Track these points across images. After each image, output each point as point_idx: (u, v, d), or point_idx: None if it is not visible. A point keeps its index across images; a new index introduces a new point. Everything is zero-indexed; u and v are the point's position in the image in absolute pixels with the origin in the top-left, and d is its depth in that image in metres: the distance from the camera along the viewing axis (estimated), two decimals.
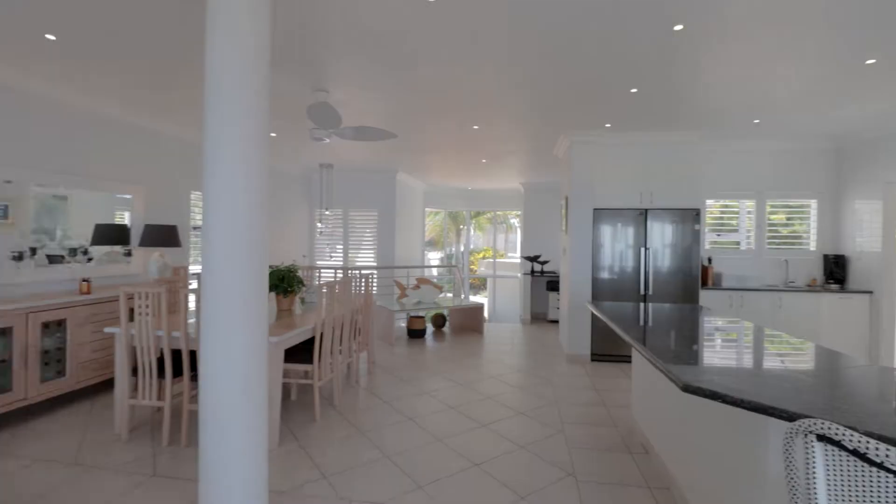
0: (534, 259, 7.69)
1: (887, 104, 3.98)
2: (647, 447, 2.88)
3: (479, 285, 14.93)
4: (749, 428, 1.78)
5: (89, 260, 4.18)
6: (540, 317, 7.93)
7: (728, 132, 5.04)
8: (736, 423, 1.82)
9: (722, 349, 2.32)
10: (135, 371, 2.94)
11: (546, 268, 7.82)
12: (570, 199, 5.22)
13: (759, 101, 4.04)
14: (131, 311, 3.18)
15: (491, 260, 11.22)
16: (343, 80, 3.60)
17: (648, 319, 2.95)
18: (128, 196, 4.59)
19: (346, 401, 3.75)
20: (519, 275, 7.86)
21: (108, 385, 3.77)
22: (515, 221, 13.07)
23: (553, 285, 7.41)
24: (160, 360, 2.91)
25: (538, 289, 7.91)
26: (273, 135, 5.31)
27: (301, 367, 3.32)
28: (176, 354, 2.98)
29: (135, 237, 4.57)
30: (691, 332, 2.65)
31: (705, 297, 5.05)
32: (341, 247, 7.86)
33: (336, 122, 3.64)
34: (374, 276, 5.50)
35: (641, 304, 3.99)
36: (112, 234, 4.41)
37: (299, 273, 3.91)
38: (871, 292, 4.86)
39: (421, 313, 6.34)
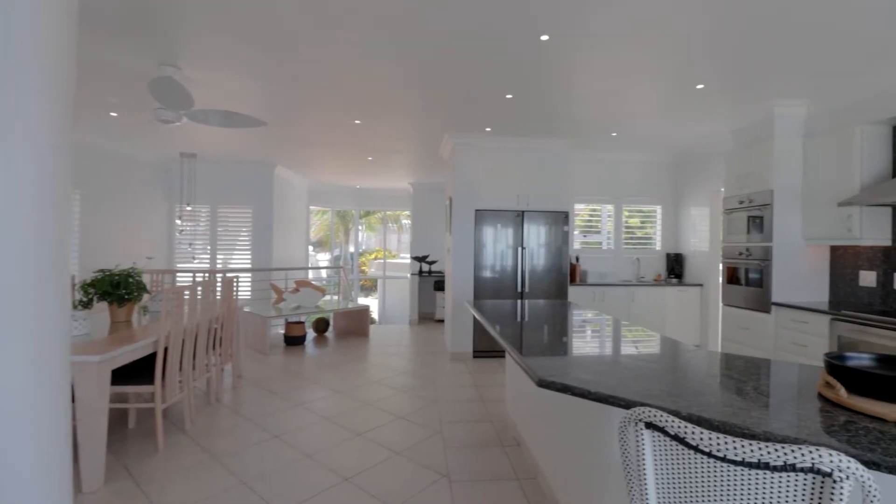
0: (422, 259, 7.69)
1: (712, 127, 4.69)
2: (519, 440, 2.97)
3: (371, 287, 14.62)
4: (600, 417, 1.87)
5: None
6: (428, 317, 7.96)
7: (592, 142, 5.54)
8: (590, 412, 1.91)
9: (580, 341, 2.45)
10: None
11: (434, 268, 7.87)
12: (454, 200, 5.28)
13: (615, 116, 4.48)
14: None
15: (377, 260, 11.01)
16: (201, 58, 3.15)
17: (525, 315, 3.05)
18: None
19: (202, 423, 3.28)
20: (408, 275, 7.81)
21: None
22: (408, 222, 13.04)
23: (440, 285, 7.48)
24: None
25: (426, 289, 7.93)
26: (113, 114, 4.50)
27: (139, 390, 2.80)
28: None
29: None
30: (557, 325, 2.78)
31: (573, 292, 5.49)
32: (210, 247, 7.01)
33: (186, 103, 3.16)
34: (242, 279, 4.97)
35: (519, 301, 4.15)
36: None
37: (143, 278, 3.32)
38: (701, 285, 5.72)
39: (301, 318, 5.91)
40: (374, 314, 12.02)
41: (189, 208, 6.54)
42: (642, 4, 2.43)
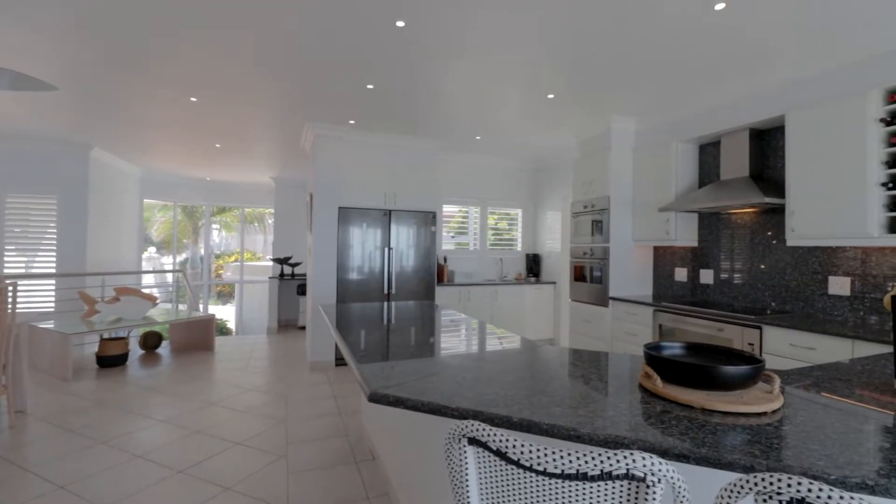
0: (284, 261, 7.03)
1: (564, 137, 5.07)
2: (374, 453, 2.75)
3: (229, 293, 13.08)
4: (443, 425, 1.74)
5: None
6: (290, 323, 7.31)
7: (459, 145, 5.61)
8: (435, 420, 1.76)
9: (426, 348, 2.32)
10: None
11: (298, 270, 7.26)
12: (315, 196, 4.86)
13: (479, 120, 4.55)
14: None
15: (238, 263, 9.88)
16: None
17: (388, 318, 2.84)
18: None
19: None
20: (268, 278, 7.06)
21: None
22: (273, 221, 11.96)
23: (304, 289, 6.92)
24: None
25: (288, 293, 7.28)
26: None
27: None
28: None
29: None
30: (417, 328, 2.63)
31: (441, 292, 5.48)
32: None
33: None
34: (35, 287, 3.89)
35: (385, 304, 3.94)
36: None
37: None
38: (554, 283, 6.18)
39: (122, 333, 4.88)
40: (231, 324, 10.75)
41: None
42: (493, 5, 2.41)
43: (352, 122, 4.66)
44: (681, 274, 4.27)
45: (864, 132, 2.62)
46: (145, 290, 6.17)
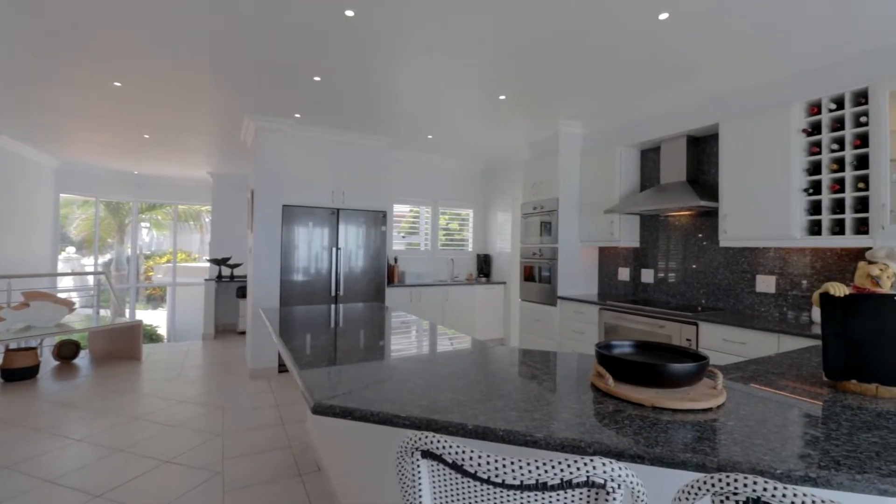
0: (222, 262, 6.60)
1: (514, 138, 5.12)
2: (320, 464, 2.61)
3: (160, 296, 12.16)
4: (394, 432, 1.66)
5: None
6: (229, 329, 6.88)
7: (412, 143, 5.52)
8: (386, 427, 1.68)
9: (377, 353, 2.23)
10: None
11: (238, 272, 6.86)
12: (257, 193, 4.59)
13: (432, 118, 4.49)
14: None
15: (171, 265, 9.20)
16: None
17: (336, 321, 2.70)
18: None
19: None
20: (204, 280, 6.59)
21: None
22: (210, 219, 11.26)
23: (244, 291, 6.54)
24: None
25: (227, 296, 6.85)
26: None
27: None
28: None
29: None
30: (361, 332, 2.52)
31: (391, 294, 5.36)
32: None
33: None
34: None
35: (332, 306, 3.77)
36: None
37: None
38: (504, 283, 6.24)
39: (31, 343, 4.35)
40: (163, 330, 9.98)
41: None
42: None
43: (297, 115, 4.45)
44: (624, 273, 4.44)
45: (789, 142, 2.83)
46: (61, 295, 5.57)
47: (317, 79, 3.52)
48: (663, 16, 2.46)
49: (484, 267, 6.45)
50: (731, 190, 3.18)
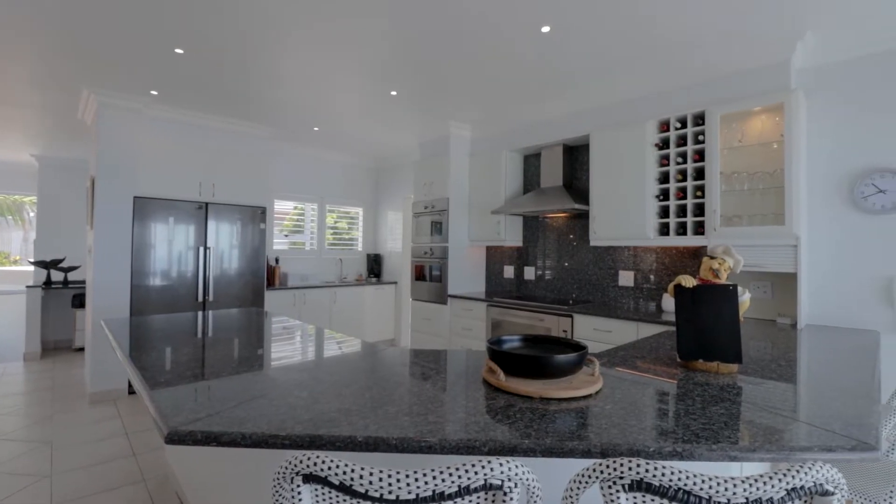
0: (52, 265, 5.43)
1: (405, 136, 5.08)
2: (183, 498, 2.25)
3: None
4: (280, 454, 1.48)
5: None
6: (62, 345, 5.69)
7: (295, 135, 5.15)
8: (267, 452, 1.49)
9: (250, 366, 2.00)
10: None
11: (74, 276, 5.71)
12: (99, 182, 3.85)
13: (318, 109, 4.22)
14: None
15: None
16: None
17: (203, 331, 2.33)
18: None
19: None
20: (26, 287, 5.34)
21: None
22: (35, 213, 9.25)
23: (83, 300, 5.47)
24: None
25: (59, 306, 5.66)
26: None
27: None
28: None
29: None
30: (237, 342, 2.23)
31: (272, 297, 4.94)
32: None
33: None
34: None
35: (200, 314, 3.30)
36: None
37: None
38: (395, 283, 6.17)
39: None
40: None
41: None
42: None
43: (154, 92, 3.84)
44: (509, 271, 4.68)
45: (644, 154, 3.23)
46: None
47: (179, 51, 3.06)
48: (545, 28, 2.62)
49: (374, 267, 6.30)
50: (599, 194, 3.53)
